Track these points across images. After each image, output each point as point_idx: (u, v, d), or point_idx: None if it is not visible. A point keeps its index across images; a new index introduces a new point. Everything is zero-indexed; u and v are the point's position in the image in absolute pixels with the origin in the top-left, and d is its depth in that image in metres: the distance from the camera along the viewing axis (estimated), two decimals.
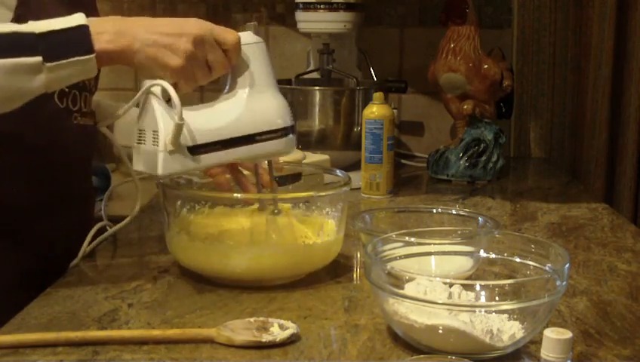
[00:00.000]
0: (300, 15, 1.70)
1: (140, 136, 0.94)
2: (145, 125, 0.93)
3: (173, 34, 0.91)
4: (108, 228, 1.14)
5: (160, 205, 1.04)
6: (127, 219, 1.13)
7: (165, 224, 1.03)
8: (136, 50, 0.91)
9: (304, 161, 1.44)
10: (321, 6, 1.66)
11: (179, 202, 1.05)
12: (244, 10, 1.99)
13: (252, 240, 1.00)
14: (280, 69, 1.96)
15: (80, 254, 1.07)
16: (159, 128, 0.90)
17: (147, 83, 0.93)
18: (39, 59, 0.87)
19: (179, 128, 0.90)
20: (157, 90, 0.92)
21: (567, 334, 0.68)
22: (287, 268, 0.99)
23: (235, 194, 1.09)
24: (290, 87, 1.70)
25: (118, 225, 1.14)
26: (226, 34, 0.95)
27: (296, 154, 1.46)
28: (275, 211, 1.02)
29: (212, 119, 0.95)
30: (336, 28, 1.68)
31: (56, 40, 0.88)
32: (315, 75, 1.78)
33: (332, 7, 1.66)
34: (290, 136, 0.99)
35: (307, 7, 1.67)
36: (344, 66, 1.77)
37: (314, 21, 1.69)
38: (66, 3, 1.01)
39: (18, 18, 0.94)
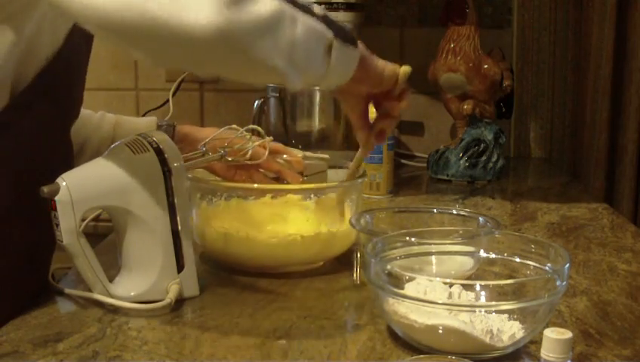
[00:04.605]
0: None
1: None
2: None
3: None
4: None
5: None
6: None
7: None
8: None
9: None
10: (321, 6, 1.66)
11: (198, 195, 1.08)
12: None
13: (279, 227, 1.05)
14: None
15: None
16: None
17: None
18: (330, 33, 0.84)
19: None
20: None
21: (567, 334, 0.68)
22: (312, 254, 1.05)
23: (254, 185, 1.13)
24: None
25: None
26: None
27: (297, 154, 1.47)
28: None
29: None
30: None
31: (334, 23, 0.86)
32: None
33: (332, 7, 1.65)
34: None
35: None
36: None
37: None
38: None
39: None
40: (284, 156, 1.18)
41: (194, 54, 0.77)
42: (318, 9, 0.85)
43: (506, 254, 0.93)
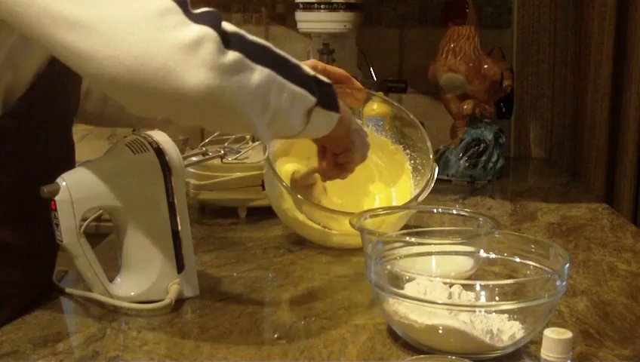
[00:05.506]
0: (300, 15, 1.70)
1: None
2: None
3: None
4: None
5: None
6: None
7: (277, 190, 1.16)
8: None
9: None
10: (321, 6, 1.66)
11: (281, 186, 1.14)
12: (244, 10, 1.99)
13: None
14: None
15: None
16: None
17: None
18: (314, 100, 0.86)
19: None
20: None
21: (567, 334, 0.68)
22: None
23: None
24: None
25: None
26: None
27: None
28: None
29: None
30: (336, 28, 1.68)
31: (322, 88, 0.88)
32: None
33: (332, 7, 1.66)
34: None
35: (307, 7, 1.67)
36: (344, 66, 1.76)
37: (314, 21, 1.69)
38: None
39: None
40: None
41: (181, 111, 0.77)
42: (308, 69, 0.87)
43: (506, 254, 0.93)
